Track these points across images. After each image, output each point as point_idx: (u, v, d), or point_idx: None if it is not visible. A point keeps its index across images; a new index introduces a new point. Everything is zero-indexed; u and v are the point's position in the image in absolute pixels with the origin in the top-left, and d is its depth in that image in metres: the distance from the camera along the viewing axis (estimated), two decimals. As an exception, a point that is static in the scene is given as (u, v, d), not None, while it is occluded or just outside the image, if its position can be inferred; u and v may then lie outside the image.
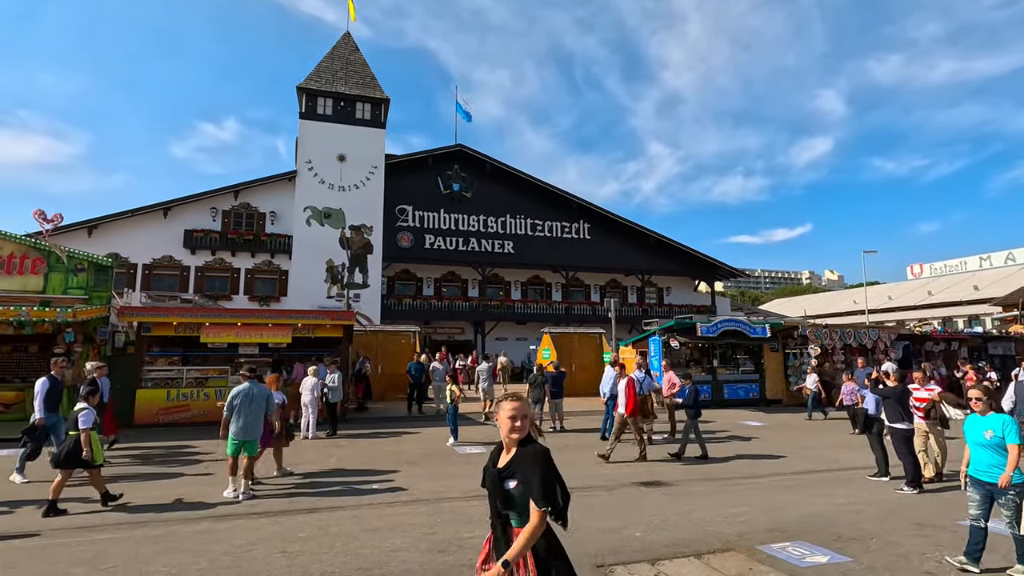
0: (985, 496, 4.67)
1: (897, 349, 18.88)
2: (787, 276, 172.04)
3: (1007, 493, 4.47)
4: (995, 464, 4.59)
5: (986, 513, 4.68)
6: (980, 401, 4.86)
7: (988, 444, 4.64)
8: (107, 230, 25.08)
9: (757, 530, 5.90)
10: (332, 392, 11.88)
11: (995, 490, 4.57)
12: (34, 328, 11.95)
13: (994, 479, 4.55)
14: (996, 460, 4.59)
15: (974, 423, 4.86)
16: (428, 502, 7.01)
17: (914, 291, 51.40)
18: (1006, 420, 4.66)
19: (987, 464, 4.66)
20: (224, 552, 5.24)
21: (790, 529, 5.92)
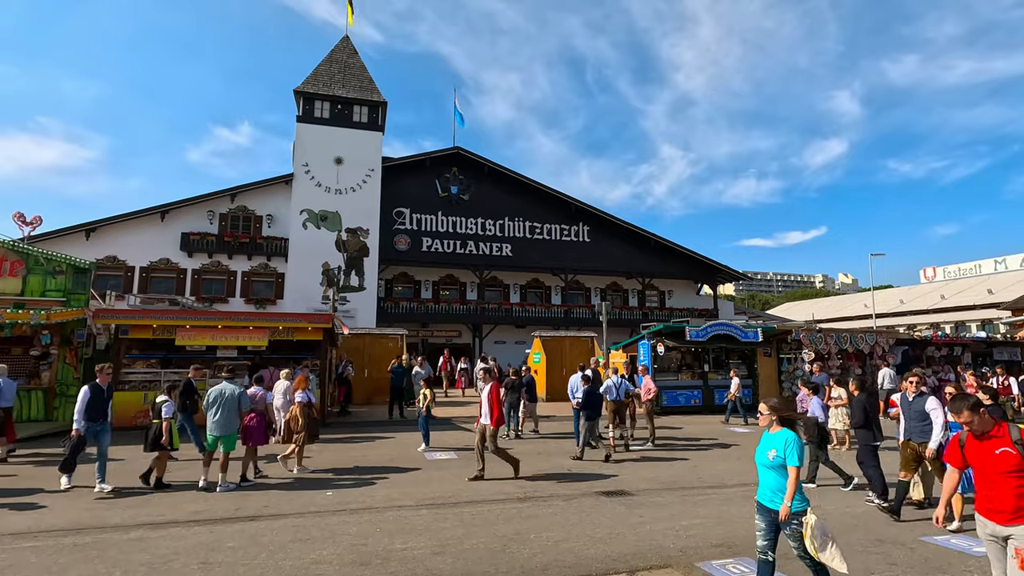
0: (771, 524, 4.03)
1: (896, 354, 18.37)
2: (799, 279, 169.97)
3: (790, 523, 3.90)
4: (780, 488, 3.98)
5: (773, 544, 4.06)
6: (765, 416, 4.19)
7: (772, 465, 4.01)
8: (105, 233, 25.31)
9: (704, 545, 5.64)
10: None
11: (765, 513, 4.05)
12: (12, 330, 11.97)
13: (778, 506, 3.96)
14: (780, 484, 3.98)
15: (763, 441, 4.20)
16: (376, 510, 6.83)
17: (926, 295, 50.35)
18: (790, 439, 3.99)
19: (772, 489, 4.04)
20: (143, 562, 5.10)
21: (739, 544, 5.65)
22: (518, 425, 12.36)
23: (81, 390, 7.73)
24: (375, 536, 5.84)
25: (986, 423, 3.51)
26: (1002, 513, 3.36)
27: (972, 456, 3.59)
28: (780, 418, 4.17)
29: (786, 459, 3.97)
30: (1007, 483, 3.35)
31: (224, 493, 7.56)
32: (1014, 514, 3.31)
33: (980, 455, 3.51)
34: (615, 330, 29.14)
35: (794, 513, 3.90)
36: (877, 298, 49.93)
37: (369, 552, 5.37)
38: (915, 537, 5.85)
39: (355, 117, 29.16)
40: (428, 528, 6.15)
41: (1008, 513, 3.33)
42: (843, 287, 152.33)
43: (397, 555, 5.30)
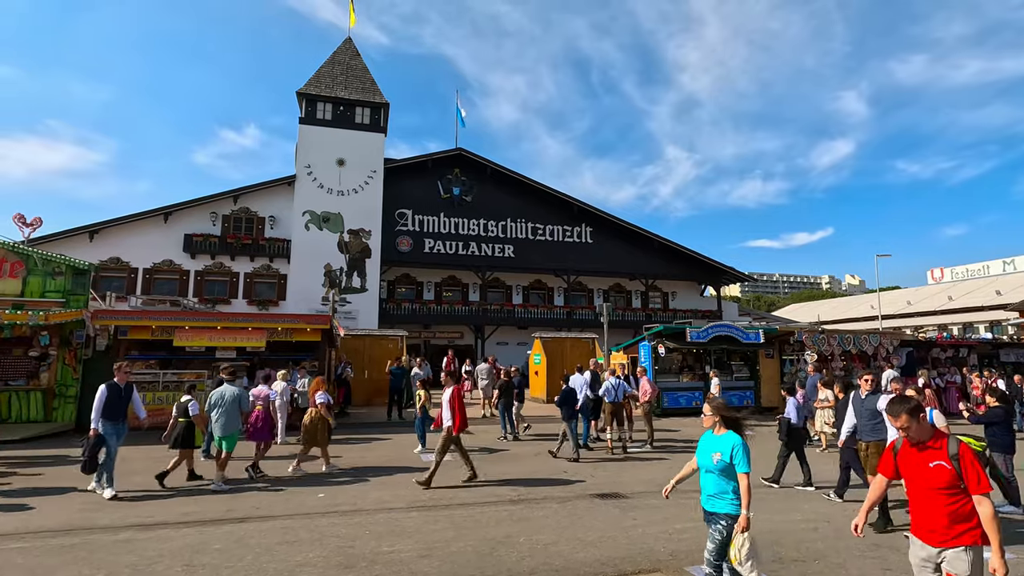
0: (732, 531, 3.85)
1: (900, 356, 18.16)
2: (806, 281, 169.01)
3: (717, 523, 3.75)
4: (720, 492, 3.82)
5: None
6: (708, 416, 4.05)
7: (714, 468, 3.84)
8: (108, 235, 25.44)
9: (696, 548, 5.54)
10: (302, 397, 11.73)
11: (711, 519, 3.87)
12: (12, 331, 12.01)
13: (715, 509, 3.82)
14: (721, 487, 3.82)
15: (705, 442, 4.04)
16: (367, 512, 6.78)
17: (934, 296, 49.90)
18: (736, 444, 3.80)
19: (711, 492, 3.87)
20: (128, 564, 5.06)
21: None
22: (514, 427, 12.28)
23: (99, 389, 7.48)
24: (363, 538, 5.78)
25: (924, 431, 3.18)
26: (933, 533, 3.06)
27: (905, 466, 3.25)
28: (724, 419, 3.99)
29: (736, 465, 3.78)
30: (939, 500, 3.05)
31: (217, 495, 7.53)
32: (946, 534, 3.00)
33: (913, 466, 3.18)
34: (618, 331, 29.05)
35: (728, 515, 3.76)
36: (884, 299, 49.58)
37: (355, 555, 5.32)
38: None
39: (357, 119, 29.21)
40: (418, 530, 6.09)
41: (939, 532, 3.03)
42: (850, 288, 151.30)
43: (383, 558, 5.24)
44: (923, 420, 3.15)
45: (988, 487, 2.96)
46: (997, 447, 6.70)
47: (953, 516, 3.02)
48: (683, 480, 4.27)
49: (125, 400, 7.67)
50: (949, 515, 3.02)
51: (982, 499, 2.95)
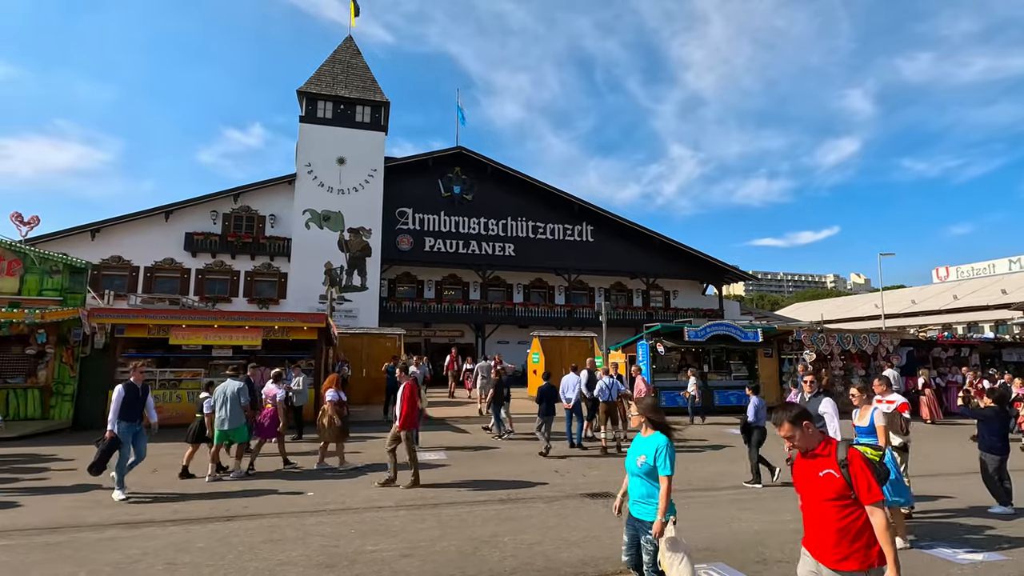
0: (634, 536, 3.72)
1: (900, 355, 18.04)
2: (811, 280, 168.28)
3: (647, 532, 3.60)
4: (645, 497, 3.68)
5: (636, 559, 3.73)
6: (635, 417, 3.89)
7: (639, 472, 3.69)
8: (110, 233, 25.53)
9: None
10: (297, 395, 11.75)
11: (641, 528, 3.70)
12: (10, 329, 12.07)
13: (642, 516, 3.68)
14: (647, 491, 3.67)
15: (635, 445, 3.88)
16: (355, 511, 6.78)
17: (938, 295, 49.58)
18: (661, 445, 3.63)
19: (637, 497, 3.72)
20: (110, 562, 5.07)
21: (718, 549, 5.54)
22: (506, 426, 12.27)
23: (115, 389, 7.36)
24: (347, 537, 5.77)
25: (810, 439, 2.92)
26: (823, 550, 2.82)
27: (797, 477, 3.00)
28: (651, 421, 3.84)
29: (657, 467, 3.62)
30: (829, 513, 2.80)
31: (206, 498, 7.54)
32: (836, 551, 2.76)
33: (804, 477, 2.95)
34: (620, 330, 28.97)
35: (648, 522, 3.60)
36: (889, 298, 49.28)
37: (338, 554, 5.31)
38: (905, 547, 5.67)
39: (358, 117, 29.21)
40: (403, 529, 6.08)
41: (830, 550, 2.78)
42: (855, 287, 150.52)
43: (365, 557, 5.23)
44: (808, 427, 2.91)
45: (879, 495, 2.73)
46: (984, 446, 6.64)
47: (843, 532, 2.75)
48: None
49: (142, 401, 7.57)
50: (839, 530, 2.76)
51: (874, 509, 2.72)
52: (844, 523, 2.77)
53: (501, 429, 12.13)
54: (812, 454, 2.93)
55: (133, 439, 7.39)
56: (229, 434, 8.32)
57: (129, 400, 7.34)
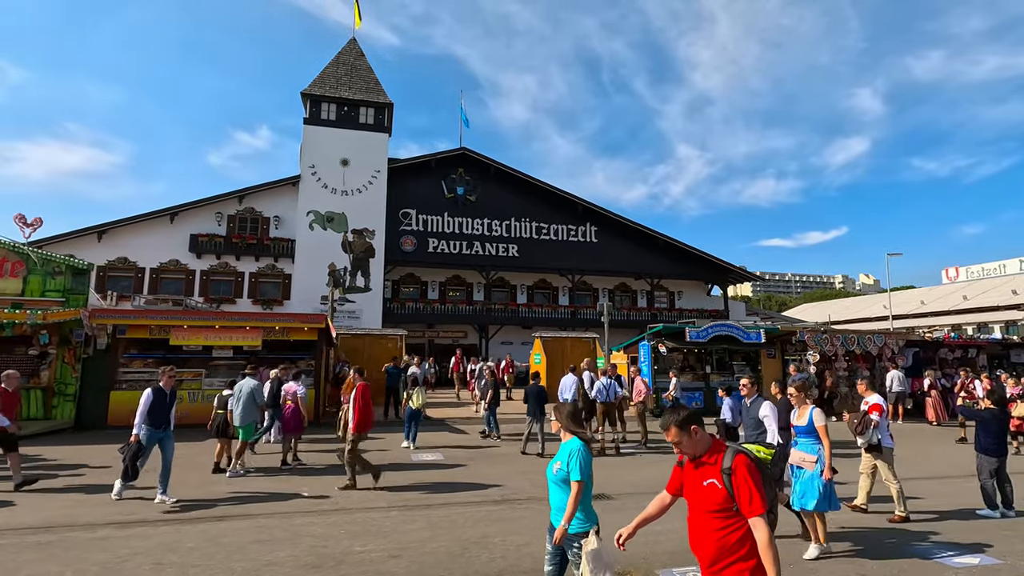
0: (556, 546, 3.48)
1: (906, 356, 17.84)
2: (819, 280, 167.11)
3: (571, 546, 3.37)
4: (564, 504, 3.47)
5: (559, 570, 3.51)
6: (554, 421, 3.71)
7: (556, 479, 3.51)
8: (116, 235, 25.75)
9: (672, 551, 5.46)
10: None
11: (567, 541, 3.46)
12: (13, 330, 12.18)
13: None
14: (565, 498, 3.46)
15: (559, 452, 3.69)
16: (347, 511, 6.77)
17: (948, 296, 49.07)
18: (574, 449, 3.46)
19: (556, 506, 3.52)
20: (97, 562, 5.08)
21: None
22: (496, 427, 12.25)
23: (144, 393, 7.20)
24: (337, 538, 5.76)
25: (697, 445, 2.68)
26: (703, 565, 2.61)
27: (686, 486, 2.77)
28: (565, 427, 3.67)
29: (569, 472, 3.42)
30: (710, 525, 2.57)
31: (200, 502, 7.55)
32: (713, 566, 2.55)
33: (690, 485, 2.72)
34: (625, 331, 28.90)
35: (573, 535, 3.37)
36: (898, 299, 48.83)
37: (326, 554, 5.29)
38: (895, 548, 5.59)
39: (361, 119, 29.31)
40: (394, 530, 6.06)
41: (706, 564, 2.58)
42: (864, 288, 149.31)
43: (353, 558, 5.21)
44: (695, 432, 2.66)
45: (761, 508, 2.45)
46: (979, 448, 6.54)
47: (721, 547, 2.52)
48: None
49: (170, 405, 7.42)
50: (718, 546, 2.52)
51: (756, 522, 2.45)
52: (722, 537, 2.52)
53: (496, 431, 12.16)
54: (699, 461, 2.69)
55: (161, 444, 7.19)
56: (238, 429, 8.65)
57: (157, 404, 7.18)
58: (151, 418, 7.10)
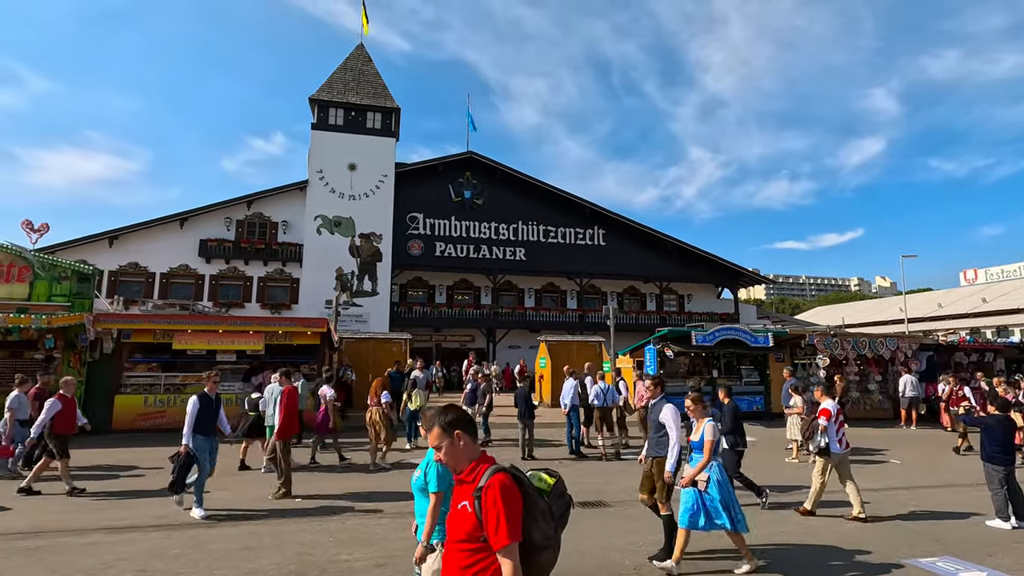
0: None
1: (920, 360, 17.44)
2: (834, 283, 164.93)
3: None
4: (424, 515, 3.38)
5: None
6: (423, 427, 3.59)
7: (416, 487, 3.41)
8: (127, 241, 26.07)
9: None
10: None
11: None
12: (20, 334, 12.31)
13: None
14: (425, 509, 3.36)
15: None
16: (339, 517, 6.72)
17: (966, 298, 48.13)
18: (432, 460, 3.30)
19: (420, 512, 3.41)
20: (83, 568, 5.06)
21: (703, 560, 5.31)
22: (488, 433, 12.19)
23: (190, 400, 6.98)
24: (324, 545, 5.69)
25: (459, 456, 2.23)
26: None
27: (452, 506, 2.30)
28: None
29: (428, 483, 3.27)
30: (456, 559, 2.14)
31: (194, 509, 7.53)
32: None
33: (452, 507, 2.27)
34: (633, 335, 28.60)
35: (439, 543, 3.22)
36: (914, 302, 47.98)
37: (311, 562, 5.22)
38: (895, 558, 5.39)
39: (369, 124, 29.44)
40: (384, 538, 5.98)
41: None
42: (880, 291, 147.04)
43: (338, 566, 5.13)
44: (459, 439, 2.23)
45: (507, 539, 1.99)
46: (984, 456, 6.30)
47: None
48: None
49: (216, 412, 7.25)
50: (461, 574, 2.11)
51: (503, 556, 2.01)
52: (469, 571, 2.08)
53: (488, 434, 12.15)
54: (460, 478, 2.23)
55: (209, 452, 6.99)
56: (270, 429, 9.09)
57: (204, 412, 6.96)
58: (199, 426, 6.86)
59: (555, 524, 2.13)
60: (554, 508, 2.17)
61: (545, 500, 2.14)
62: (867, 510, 6.70)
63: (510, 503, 2.04)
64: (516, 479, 2.12)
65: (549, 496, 2.20)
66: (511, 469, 2.18)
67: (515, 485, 2.09)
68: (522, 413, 10.62)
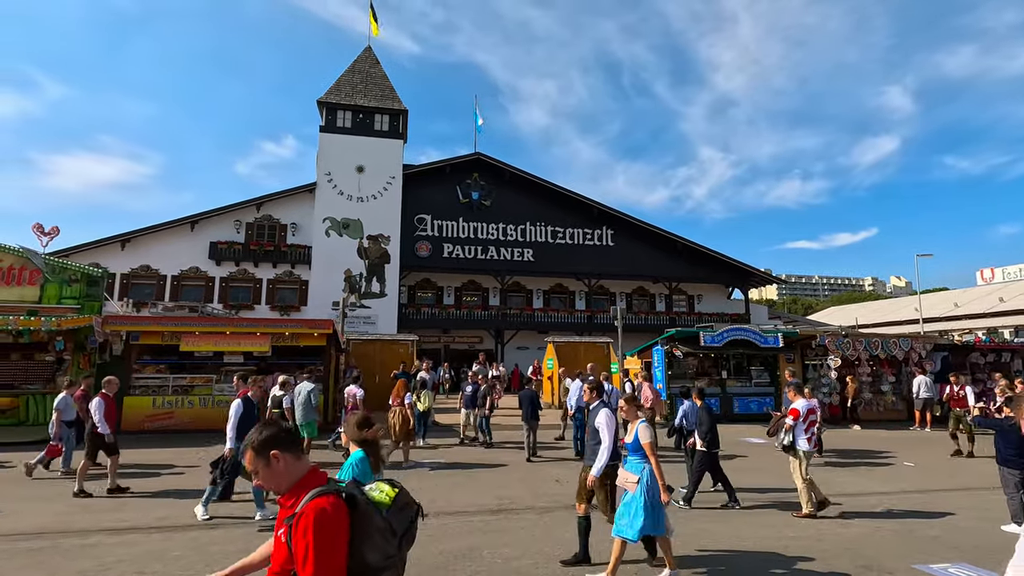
0: None
1: (934, 361, 17.11)
2: (847, 283, 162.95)
3: None
4: None
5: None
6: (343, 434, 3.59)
7: None
8: (139, 244, 26.37)
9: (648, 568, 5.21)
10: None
11: None
12: (31, 336, 12.45)
13: None
14: None
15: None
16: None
17: (983, 298, 47.30)
18: (353, 461, 3.37)
19: None
20: (81, 569, 5.06)
21: (709, 565, 5.20)
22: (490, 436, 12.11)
23: (232, 404, 6.95)
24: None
25: (280, 478, 1.97)
26: None
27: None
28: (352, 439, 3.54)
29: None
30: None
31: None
32: None
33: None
34: (643, 336, 28.35)
35: None
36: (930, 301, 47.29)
37: (309, 565, 5.17)
38: (907, 565, 5.25)
39: (376, 126, 29.55)
40: (384, 540, 5.92)
41: None
42: (895, 291, 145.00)
43: (335, 569, 5.08)
44: (277, 459, 1.95)
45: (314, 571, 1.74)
46: (999, 459, 6.12)
47: None
48: None
49: (258, 416, 7.19)
50: None
51: None
52: None
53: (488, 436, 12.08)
54: (280, 502, 1.99)
55: None
56: (302, 427, 9.57)
57: (247, 415, 6.93)
58: (242, 429, 6.80)
59: (398, 541, 1.93)
60: (395, 524, 1.94)
61: (383, 516, 1.91)
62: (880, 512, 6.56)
63: (326, 533, 1.77)
64: (348, 499, 1.86)
65: (389, 510, 1.95)
66: (342, 488, 1.91)
67: (336, 510, 1.81)
68: (527, 415, 10.64)
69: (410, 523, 2.01)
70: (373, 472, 3.47)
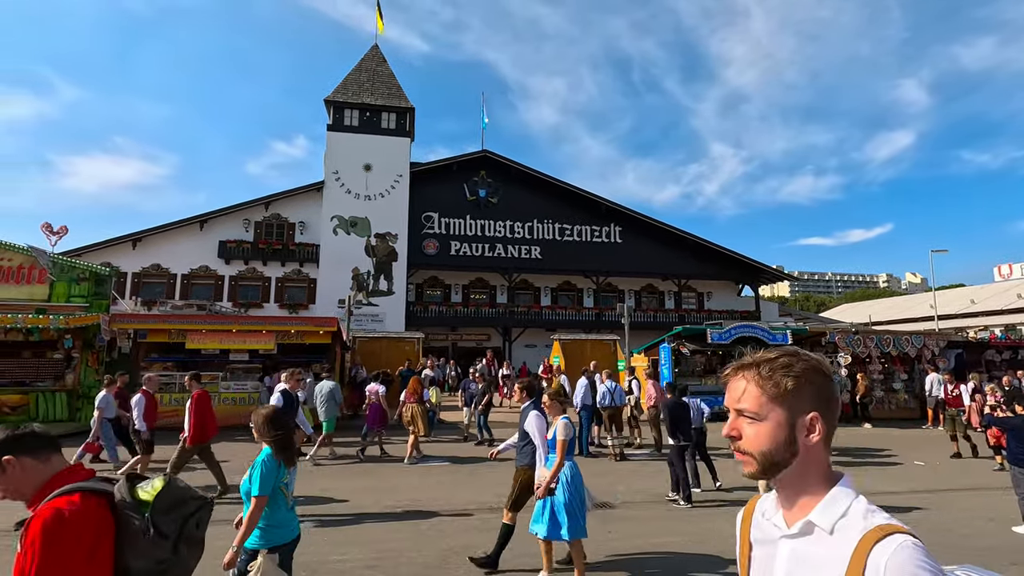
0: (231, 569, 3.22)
1: (948, 358, 16.78)
2: (862, 280, 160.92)
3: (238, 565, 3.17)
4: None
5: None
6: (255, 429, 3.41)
7: (243, 492, 3.23)
8: (149, 243, 26.64)
9: (666, 568, 5.12)
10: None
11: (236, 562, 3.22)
12: (41, 335, 12.60)
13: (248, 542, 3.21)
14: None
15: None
16: (337, 517, 6.65)
17: (1001, 294, 46.41)
18: (258, 459, 3.21)
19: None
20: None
21: (707, 566, 5.10)
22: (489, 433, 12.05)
23: (273, 396, 6.96)
24: (318, 546, 5.61)
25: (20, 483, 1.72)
26: None
27: None
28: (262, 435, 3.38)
29: (252, 487, 3.14)
30: None
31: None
32: None
33: None
34: (652, 333, 28.14)
35: (248, 549, 3.15)
36: (946, 298, 46.55)
37: (302, 563, 5.12)
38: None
39: (383, 124, 29.58)
40: (379, 539, 5.89)
41: None
42: (910, 287, 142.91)
43: (328, 567, 5.06)
44: (11, 465, 1.70)
45: None
46: (1011, 459, 5.94)
47: None
48: None
49: (297, 409, 7.11)
50: None
51: None
52: None
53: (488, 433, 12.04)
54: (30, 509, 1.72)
55: None
56: (324, 423, 9.89)
57: (286, 410, 6.81)
58: None
59: (172, 544, 1.70)
60: (162, 526, 1.69)
61: (144, 516, 1.68)
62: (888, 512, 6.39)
63: (59, 540, 1.52)
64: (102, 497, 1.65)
65: (150, 511, 1.70)
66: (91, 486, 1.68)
67: (76, 512, 1.57)
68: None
69: (184, 523, 1.76)
70: (287, 467, 3.37)
